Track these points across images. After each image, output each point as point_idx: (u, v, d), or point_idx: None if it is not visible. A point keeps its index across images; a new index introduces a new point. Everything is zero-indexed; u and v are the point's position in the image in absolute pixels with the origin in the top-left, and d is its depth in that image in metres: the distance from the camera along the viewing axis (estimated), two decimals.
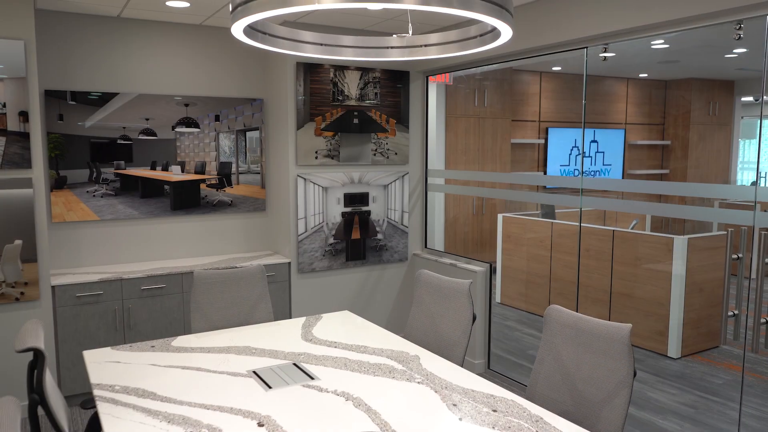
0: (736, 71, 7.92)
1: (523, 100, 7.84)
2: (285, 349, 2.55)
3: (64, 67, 3.74)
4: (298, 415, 1.92)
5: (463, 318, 2.61)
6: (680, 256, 4.33)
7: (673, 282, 4.35)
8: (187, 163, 4.16)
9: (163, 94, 4.02)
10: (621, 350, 1.99)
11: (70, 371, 3.52)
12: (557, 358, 2.20)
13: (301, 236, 4.16)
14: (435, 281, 2.81)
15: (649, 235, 4.53)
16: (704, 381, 3.99)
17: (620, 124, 8.69)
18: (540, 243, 5.46)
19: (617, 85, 8.60)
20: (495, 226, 7.03)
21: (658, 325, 4.45)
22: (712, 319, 4.58)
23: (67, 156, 3.77)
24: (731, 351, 4.55)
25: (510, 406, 1.99)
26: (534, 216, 5.77)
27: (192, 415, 1.91)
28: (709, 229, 6.39)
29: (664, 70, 7.89)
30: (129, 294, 3.62)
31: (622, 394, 1.97)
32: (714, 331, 4.61)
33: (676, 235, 4.37)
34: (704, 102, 8.77)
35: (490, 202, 7.06)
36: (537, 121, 8.04)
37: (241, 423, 1.86)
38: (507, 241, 5.91)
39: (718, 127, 9.01)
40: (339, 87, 4.20)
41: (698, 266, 4.42)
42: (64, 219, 3.78)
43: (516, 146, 7.82)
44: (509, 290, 5.88)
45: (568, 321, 2.18)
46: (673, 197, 8.86)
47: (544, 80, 8.04)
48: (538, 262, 5.49)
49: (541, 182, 3.66)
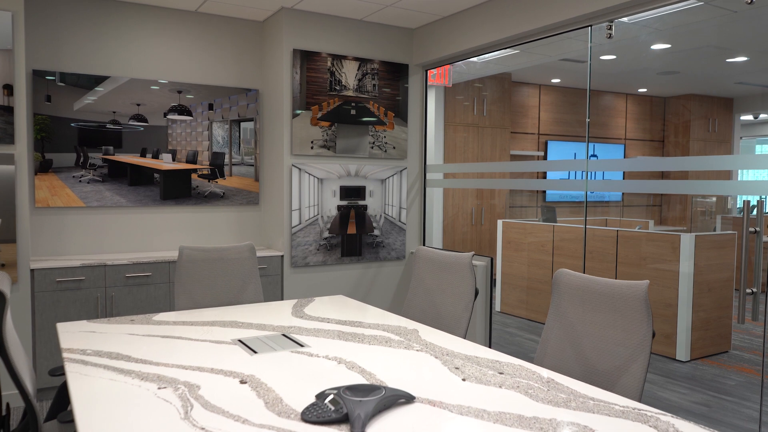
0: (735, 85, 7.89)
1: (522, 112, 7.78)
2: (274, 323, 2.38)
3: (54, 47, 3.64)
4: (286, 375, 1.74)
5: (465, 292, 2.45)
6: (687, 255, 4.18)
7: (680, 282, 4.19)
8: (179, 152, 4.03)
9: (155, 80, 3.92)
10: (638, 308, 1.83)
11: (47, 360, 3.32)
12: (567, 324, 2.03)
13: (295, 228, 4.01)
14: (435, 256, 2.66)
15: (654, 234, 4.39)
16: (716, 382, 3.80)
17: (620, 139, 8.62)
18: (541, 247, 5.31)
19: (617, 100, 8.56)
20: (494, 235, 6.88)
21: (665, 327, 4.27)
22: (722, 322, 4.40)
23: (53, 139, 3.64)
24: (742, 355, 4.36)
25: (517, 370, 1.82)
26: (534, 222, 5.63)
27: (168, 374, 1.73)
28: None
29: (664, 85, 7.86)
30: (113, 281, 3.45)
31: (640, 359, 1.80)
32: (724, 335, 4.43)
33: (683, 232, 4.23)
34: (703, 118, 8.73)
35: (489, 209, 6.93)
36: (536, 134, 7.97)
37: (222, 380, 1.68)
38: (507, 247, 5.75)
39: (718, 144, 8.96)
40: (336, 76, 4.11)
41: (706, 265, 4.27)
42: (48, 204, 3.63)
43: (515, 158, 7.73)
44: (509, 298, 5.70)
45: (578, 283, 2.03)
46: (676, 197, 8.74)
47: (543, 93, 8.00)
48: (540, 267, 5.33)
49: (541, 168, 3.54)
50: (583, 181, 3.22)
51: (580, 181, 3.24)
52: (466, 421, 1.40)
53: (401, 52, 4.40)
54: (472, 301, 2.42)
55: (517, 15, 3.50)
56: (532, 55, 5.25)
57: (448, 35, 4.08)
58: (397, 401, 1.51)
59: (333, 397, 1.45)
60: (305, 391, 1.60)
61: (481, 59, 5.40)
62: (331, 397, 1.45)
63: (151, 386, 1.63)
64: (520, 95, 7.77)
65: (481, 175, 4.22)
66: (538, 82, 7.86)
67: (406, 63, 4.43)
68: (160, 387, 1.62)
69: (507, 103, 7.28)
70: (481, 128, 6.96)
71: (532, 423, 1.40)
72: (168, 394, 1.56)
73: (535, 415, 1.45)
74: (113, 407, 1.47)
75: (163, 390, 1.60)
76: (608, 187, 3.13)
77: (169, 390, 1.60)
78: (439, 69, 5.05)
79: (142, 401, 1.51)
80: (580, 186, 3.22)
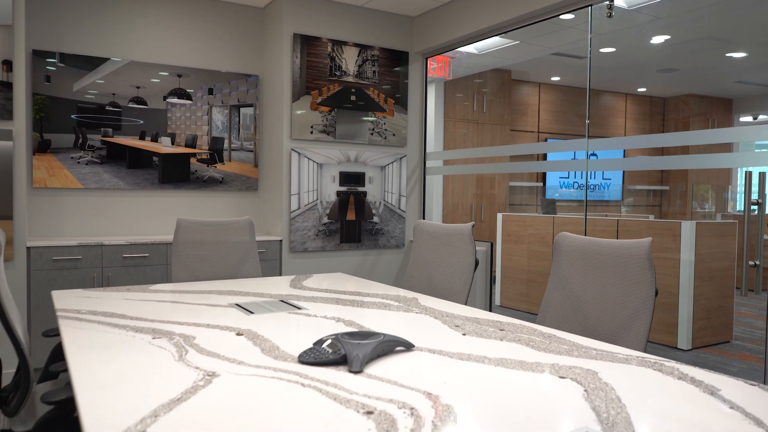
0: (735, 85, 7.91)
1: (522, 110, 7.78)
2: (272, 292, 2.35)
3: (54, 28, 3.64)
4: (283, 329, 1.71)
5: (466, 263, 2.42)
6: (688, 242, 4.16)
7: (681, 269, 4.17)
8: (178, 136, 4.01)
9: (155, 63, 3.91)
10: (641, 267, 1.81)
11: (42, 341, 3.28)
12: (569, 286, 2.01)
13: (294, 213, 3.98)
14: (435, 229, 2.63)
15: (655, 222, 4.36)
16: (719, 369, 3.76)
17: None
18: (542, 239, 5.28)
19: (616, 99, 8.57)
20: (494, 230, 6.85)
21: (667, 316, 4.24)
22: (724, 311, 4.37)
23: (52, 119, 3.62)
24: (743, 345, 4.33)
25: (518, 327, 1.79)
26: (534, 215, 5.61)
27: (163, 328, 1.71)
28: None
29: (663, 84, 7.88)
30: (110, 262, 3.42)
31: (643, 317, 1.78)
32: (726, 324, 4.39)
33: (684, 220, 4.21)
34: (703, 119, 8.74)
35: (489, 206, 6.91)
36: (536, 132, 7.96)
37: (218, 333, 1.65)
38: (507, 240, 5.73)
39: (717, 144, 8.95)
40: (336, 62, 4.10)
41: (707, 253, 4.24)
42: (45, 185, 3.61)
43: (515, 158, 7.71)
44: (509, 291, 5.67)
45: (580, 245, 2.00)
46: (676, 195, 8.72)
47: (543, 91, 8.00)
48: (540, 260, 5.30)
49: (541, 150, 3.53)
50: (583, 161, 3.20)
51: (580, 161, 3.23)
52: (468, 365, 1.38)
53: (401, 40, 4.40)
54: (473, 271, 2.40)
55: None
56: (532, 47, 5.26)
57: (447, 21, 4.08)
58: (395, 348, 1.48)
59: (331, 341, 1.42)
60: (303, 341, 1.57)
61: (481, 51, 5.40)
62: (329, 341, 1.43)
63: (146, 337, 1.60)
64: (520, 93, 7.78)
65: (480, 161, 4.21)
66: (538, 81, 7.87)
67: (407, 51, 4.42)
68: (154, 337, 1.59)
69: (507, 100, 7.28)
70: (481, 124, 6.95)
71: (534, 366, 1.38)
72: (163, 343, 1.54)
73: (537, 360, 1.43)
74: (107, 354, 1.44)
75: (158, 339, 1.57)
76: (608, 165, 3.11)
77: (164, 340, 1.57)
78: (439, 61, 5.06)
79: (136, 348, 1.48)
80: (581, 165, 3.20)
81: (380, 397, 1.14)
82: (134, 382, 1.21)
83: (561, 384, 1.24)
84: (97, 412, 1.04)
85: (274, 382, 1.22)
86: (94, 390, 1.16)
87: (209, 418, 1.03)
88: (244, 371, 1.29)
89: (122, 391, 1.15)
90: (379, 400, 1.12)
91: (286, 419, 1.03)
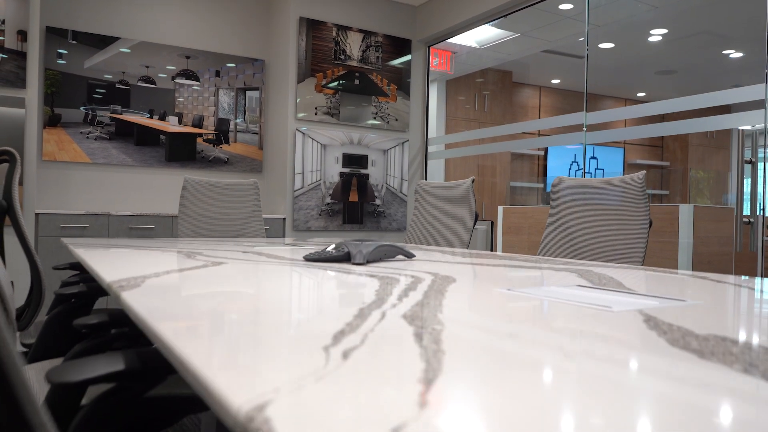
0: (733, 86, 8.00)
1: (522, 112, 7.89)
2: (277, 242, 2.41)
3: (67, 5, 3.75)
4: (289, 250, 1.77)
5: (466, 216, 2.48)
6: (686, 225, 4.21)
7: (680, 252, 4.21)
8: (185, 116, 4.10)
9: (164, 44, 4.01)
10: (636, 198, 1.86)
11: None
12: (566, 227, 2.06)
13: (298, 192, 4.05)
14: (436, 186, 2.70)
15: (653, 207, 4.42)
16: None
17: (619, 143, 8.71)
18: (542, 229, 5.33)
19: (616, 104, 8.68)
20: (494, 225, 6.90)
21: None
22: None
23: (63, 94, 3.71)
24: None
25: (515, 256, 1.85)
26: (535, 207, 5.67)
27: (172, 248, 1.76)
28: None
29: (662, 89, 7.99)
30: (116, 231, 3.48)
31: (638, 246, 1.83)
32: None
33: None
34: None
35: (489, 204, 6.97)
36: (536, 135, 8.06)
37: (239, 255, 1.71)
38: (507, 233, 5.78)
39: (716, 150, 9.04)
40: (341, 46, 4.20)
41: (705, 237, 4.29)
42: (55, 158, 3.68)
43: (516, 156, 7.81)
44: None
45: (577, 184, 2.07)
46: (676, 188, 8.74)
47: (543, 94, 8.12)
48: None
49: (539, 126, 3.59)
50: (581, 134, 3.27)
51: (578, 134, 3.30)
52: (469, 267, 1.43)
53: (404, 28, 4.51)
54: (472, 224, 2.46)
55: None
56: (531, 39, 5.37)
57: (448, 9, 4.19)
58: (397, 254, 1.54)
59: (335, 245, 1.48)
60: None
61: (483, 45, 5.51)
62: (333, 245, 1.48)
63: (158, 251, 1.66)
64: (521, 96, 7.89)
65: (481, 141, 4.29)
66: (539, 83, 7.99)
67: (409, 38, 4.53)
68: (165, 251, 1.65)
69: (508, 102, 7.39)
70: (482, 123, 7.04)
71: (533, 263, 1.43)
72: (173, 253, 1.59)
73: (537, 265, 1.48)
74: (121, 260, 1.50)
75: (168, 252, 1.63)
76: (607, 137, 3.18)
77: (174, 252, 1.63)
78: (441, 56, 5.16)
79: (149, 255, 1.54)
80: (579, 138, 3.27)
81: (384, 276, 1.19)
82: (149, 264, 1.27)
83: (553, 271, 1.29)
84: (113, 273, 1.10)
85: (279, 266, 1.28)
86: (108, 265, 1.22)
87: (224, 275, 1.08)
88: (249, 258, 1.35)
89: (135, 265, 1.21)
90: (382, 276, 1.18)
91: (293, 281, 1.08)
